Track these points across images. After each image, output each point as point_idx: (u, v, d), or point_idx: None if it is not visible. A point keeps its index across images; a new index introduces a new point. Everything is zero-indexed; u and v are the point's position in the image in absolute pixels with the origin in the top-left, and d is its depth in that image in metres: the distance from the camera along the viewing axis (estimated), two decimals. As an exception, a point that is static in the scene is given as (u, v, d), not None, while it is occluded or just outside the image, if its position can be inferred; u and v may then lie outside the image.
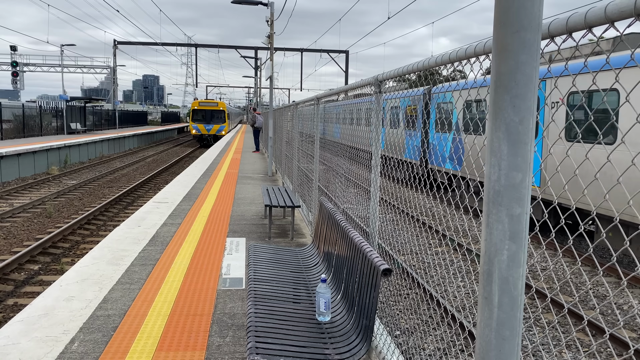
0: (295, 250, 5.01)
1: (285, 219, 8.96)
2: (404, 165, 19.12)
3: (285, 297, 3.67)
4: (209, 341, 4.03)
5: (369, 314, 2.75)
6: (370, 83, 3.66)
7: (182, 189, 11.79)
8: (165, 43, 41.28)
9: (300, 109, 9.90)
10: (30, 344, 3.88)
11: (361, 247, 3.10)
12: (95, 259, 6.04)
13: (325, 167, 7.69)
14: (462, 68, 2.41)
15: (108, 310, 4.56)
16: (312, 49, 41.20)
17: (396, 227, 11.73)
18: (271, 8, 15.65)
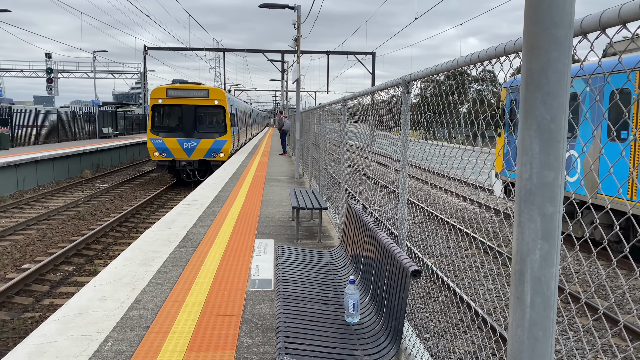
0: (323, 252, 5.02)
1: (313, 221, 8.98)
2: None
3: (313, 298, 3.68)
4: (239, 341, 4.07)
5: (398, 316, 2.74)
6: (397, 84, 3.65)
7: (211, 192, 11.94)
8: (194, 48, 41.75)
9: (327, 110, 9.92)
10: (66, 342, 3.99)
11: (390, 248, 3.09)
12: (128, 260, 6.17)
13: (352, 170, 7.69)
14: (491, 67, 2.38)
15: (140, 310, 4.65)
16: (338, 51, 41.19)
17: (424, 229, 11.63)
18: (298, 11, 15.73)
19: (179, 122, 19.97)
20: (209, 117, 20.45)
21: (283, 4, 15.49)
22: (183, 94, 19.62)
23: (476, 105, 27.54)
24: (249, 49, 42.18)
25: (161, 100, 19.57)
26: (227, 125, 20.03)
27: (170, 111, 20.03)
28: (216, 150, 19.82)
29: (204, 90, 19.91)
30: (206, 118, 20.35)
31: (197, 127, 19.86)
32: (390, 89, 4.24)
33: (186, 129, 19.79)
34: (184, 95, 19.67)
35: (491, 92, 44.25)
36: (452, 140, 11.91)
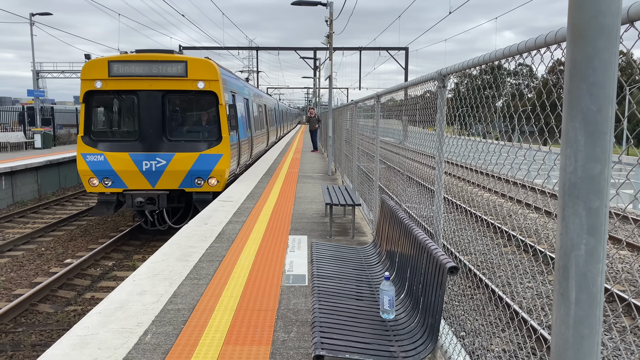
0: (357, 248, 5.01)
1: (346, 218, 8.98)
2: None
3: (348, 294, 3.68)
4: (274, 336, 4.11)
5: (435, 313, 2.71)
6: (433, 78, 3.61)
7: (245, 188, 12.07)
8: (227, 47, 42.17)
9: (360, 107, 9.88)
10: (108, 334, 4.11)
11: (426, 244, 3.06)
12: (165, 256, 6.30)
13: (386, 166, 7.64)
14: (531, 61, 2.32)
15: (178, 305, 4.75)
16: (370, 47, 40.97)
17: (460, 226, 11.47)
18: (330, 8, 15.71)
19: (134, 122, 11.36)
20: (190, 112, 11.71)
21: (315, 0, 15.49)
22: (140, 70, 11.03)
23: (516, 99, 26.77)
24: (282, 47, 42.36)
25: (100, 84, 10.99)
26: (222, 126, 11.42)
27: (118, 103, 11.43)
28: (202, 173, 11.20)
29: (177, 63, 11.04)
30: (184, 115, 11.61)
31: (166, 132, 11.27)
32: (425, 83, 4.20)
33: (147, 136, 11.16)
34: (141, 74, 11.03)
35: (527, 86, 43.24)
36: (488, 135, 11.57)
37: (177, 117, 11.56)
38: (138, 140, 11.26)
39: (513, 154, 13.64)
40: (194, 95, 11.37)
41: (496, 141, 4.17)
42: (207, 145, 11.35)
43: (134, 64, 11.12)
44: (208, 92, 11.32)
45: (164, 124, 11.27)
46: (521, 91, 38.30)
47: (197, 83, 11.08)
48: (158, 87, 11.18)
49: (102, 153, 11.16)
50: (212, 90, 11.24)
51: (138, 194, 11.02)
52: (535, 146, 2.65)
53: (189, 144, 11.28)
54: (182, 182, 11.27)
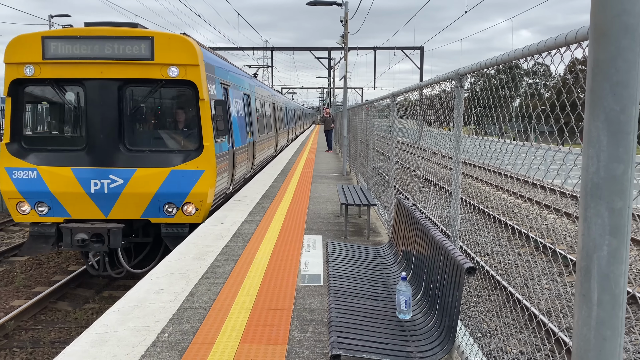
0: (372, 248, 5.01)
1: (361, 218, 8.97)
2: None
3: (364, 294, 3.68)
4: (290, 335, 4.13)
5: (452, 313, 2.71)
6: (450, 77, 3.59)
7: (260, 188, 12.13)
8: (242, 47, 42.33)
9: (375, 107, 9.87)
10: (126, 332, 4.16)
11: (443, 245, 3.05)
12: (182, 255, 6.36)
13: (400, 166, 7.62)
14: (551, 60, 2.30)
15: (195, 303, 4.79)
16: (385, 46, 40.84)
17: (476, 227, 11.39)
18: (345, 8, 15.71)
19: (79, 125, 8.36)
20: (158, 111, 8.67)
21: (330, 0, 15.50)
22: (87, 51, 7.99)
23: (534, 98, 26.38)
24: (296, 47, 42.44)
25: (32, 70, 8.02)
26: (203, 130, 8.26)
27: (57, 97, 8.31)
28: (175, 197, 8.16)
29: (140, 40, 8.06)
30: (150, 114, 8.61)
31: (125, 139, 8.22)
32: (441, 83, 4.18)
33: (97, 144, 8.10)
34: (89, 56, 7.98)
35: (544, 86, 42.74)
36: (505, 135, 11.46)
37: (141, 117, 8.30)
38: (85, 151, 7.93)
39: (531, 154, 13.48)
40: (164, 86, 8.09)
41: (513, 141, 4.14)
42: (182, 158, 8.01)
43: (80, 41, 7.78)
44: (184, 83, 8.00)
45: (121, 128, 7.90)
46: (539, 91, 37.82)
47: (168, 69, 7.79)
48: (113, 75, 7.88)
49: (35, 168, 7.86)
50: (190, 80, 7.94)
51: (79, 229, 7.60)
52: (555, 146, 2.63)
53: (157, 156, 7.97)
54: (146, 209, 7.92)
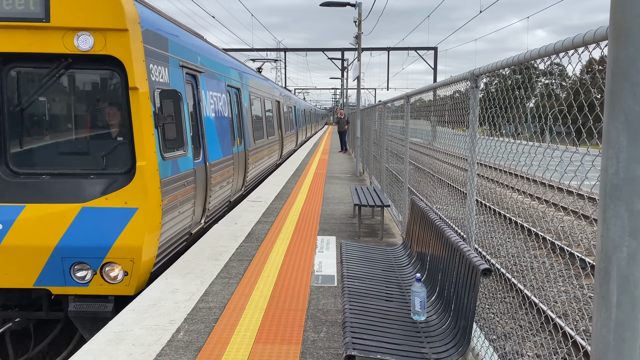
0: (387, 249, 5.00)
1: (374, 219, 8.95)
2: None
3: (378, 295, 3.68)
4: (304, 336, 4.14)
5: (467, 315, 2.69)
6: (465, 78, 3.58)
7: (274, 189, 12.16)
8: (256, 49, 42.46)
9: (388, 107, 9.85)
10: (142, 331, 4.20)
11: (458, 246, 3.04)
12: (196, 255, 6.40)
13: (414, 167, 7.59)
14: (569, 61, 2.28)
15: (209, 303, 4.82)
16: (399, 47, 40.73)
17: (490, 228, 11.31)
18: (359, 9, 15.70)
19: None
20: (58, 107, 5.46)
21: (344, 1, 15.51)
22: None
23: (552, 98, 26.01)
24: (309, 48, 42.49)
25: None
26: (135, 140, 5.18)
27: None
28: (87, 254, 5.04)
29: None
30: (48, 112, 5.40)
31: (4, 154, 5.22)
32: (455, 84, 4.16)
33: None
34: None
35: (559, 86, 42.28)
36: (520, 136, 11.37)
37: (32, 120, 5.37)
38: None
39: (548, 155, 13.35)
40: (71, 66, 5.17)
41: (527, 142, 4.11)
42: (100, 188, 5.15)
43: None
44: (103, 60, 5.12)
45: (1, 134, 5.18)
46: (555, 91, 37.47)
47: (75, 37, 4.98)
48: None
49: None
50: (113, 56, 5.06)
51: None
52: (572, 147, 2.61)
53: (59, 185, 5.12)
54: (42, 272, 5.08)
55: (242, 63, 13.09)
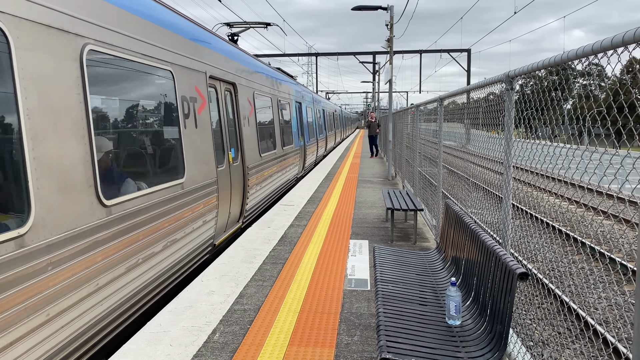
0: (420, 254, 4.97)
1: (407, 223, 8.90)
2: None
3: (412, 299, 3.66)
4: (338, 339, 4.15)
5: (504, 320, 2.66)
6: (500, 80, 3.54)
7: (306, 193, 12.22)
8: (287, 54, 42.79)
9: (421, 111, 9.78)
10: (179, 332, 4.29)
11: (494, 250, 3.00)
12: (231, 257, 6.50)
13: (447, 171, 7.52)
14: (607, 61, 2.24)
15: (244, 305, 4.89)
16: (431, 49, 40.37)
17: (526, 233, 11.09)
18: (391, 12, 15.66)
19: None
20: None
21: (376, 5, 15.50)
22: None
23: (590, 100, 25.23)
24: (341, 52, 42.55)
25: None
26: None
27: None
28: None
29: None
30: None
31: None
32: (490, 86, 4.12)
33: None
34: None
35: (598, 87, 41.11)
36: (556, 138, 11.13)
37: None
38: None
39: (586, 158, 13.03)
40: None
41: (565, 144, 4.02)
42: None
43: None
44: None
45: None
46: (593, 92, 36.42)
47: None
48: None
49: None
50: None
51: None
52: (612, 149, 2.55)
53: None
54: None
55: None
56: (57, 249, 3.40)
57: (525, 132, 4.05)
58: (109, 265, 4.12)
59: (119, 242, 4.25)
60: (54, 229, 3.37)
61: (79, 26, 3.86)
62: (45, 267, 3.28)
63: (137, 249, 4.58)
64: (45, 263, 3.27)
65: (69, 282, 3.53)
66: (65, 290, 3.50)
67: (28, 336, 3.14)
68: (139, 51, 4.82)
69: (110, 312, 4.18)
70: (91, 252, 3.84)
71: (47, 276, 3.30)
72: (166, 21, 5.69)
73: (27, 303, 3.13)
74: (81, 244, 3.70)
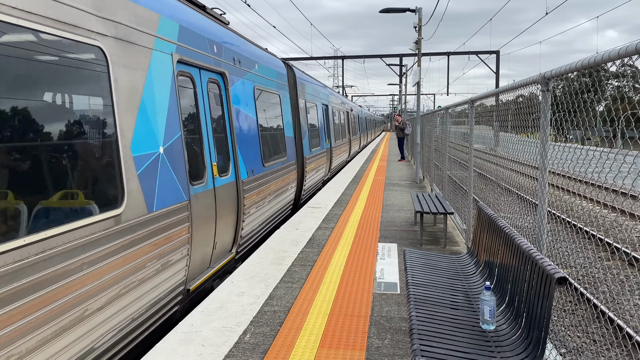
0: (452, 257, 4.92)
1: (436, 226, 8.82)
2: None
3: (444, 303, 3.63)
4: (368, 342, 4.13)
5: (541, 325, 2.61)
6: (536, 81, 3.48)
7: (333, 195, 12.22)
8: (314, 57, 42.92)
9: (450, 113, 9.69)
10: (210, 332, 4.34)
11: (530, 254, 2.95)
12: (260, 259, 6.54)
13: (477, 174, 7.42)
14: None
15: (274, 307, 4.91)
16: (459, 51, 39.94)
17: (557, 237, 10.86)
18: (419, 14, 15.57)
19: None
20: None
21: (404, 7, 15.43)
22: None
23: (624, 101, 24.77)
24: (367, 55, 42.45)
25: None
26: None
27: None
28: None
29: None
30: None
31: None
32: (523, 88, 4.05)
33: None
34: None
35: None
36: (588, 141, 10.93)
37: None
38: None
39: (619, 160, 12.69)
40: None
41: (598, 146, 3.93)
42: None
43: None
44: None
45: None
46: (627, 94, 35.52)
47: None
48: None
49: None
50: None
51: None
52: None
53: None
54: None
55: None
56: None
57: (556, 134, 3.97)
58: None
59: None
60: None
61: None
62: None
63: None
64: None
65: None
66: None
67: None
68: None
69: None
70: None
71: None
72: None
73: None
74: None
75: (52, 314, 3.14)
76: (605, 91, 42.57)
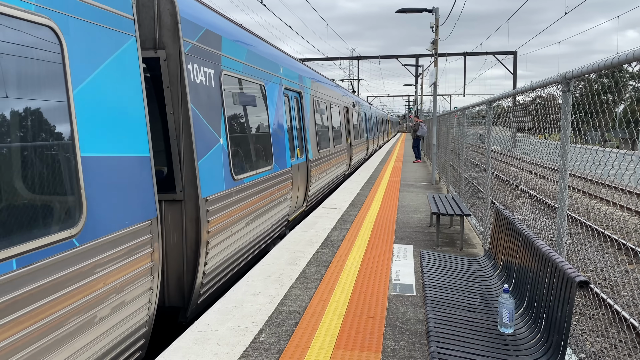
0: (469, 260, 4.87)
1: (453, 228, 8.75)
2: None
3: (461, 306, 3.59)
4: (384, 344, 4.11)
5: (561, 330, 2.57)
6: (556, 81, 3.43)
7: (348, 196, 12.20)
8: (330, 58, 42.92)
9: (467, 114, 9.61)
10: (226, 332, 4.35)
11: (550, 257, 2.91)
12: (275, 259, 6.55)
13: (494, 176, 7.34)
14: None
15: (289, 307, 4.91)
16: (476, 52, 39.63)
17: (575, 241, 10.71)
18: (436, 14, 15.48)
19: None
20: None
21: (421, 7, 15.35)
22: None
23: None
24: (383, 55, 42.33)
25: None
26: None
27: None
28: None
29: None
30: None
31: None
32: (541, 88, 4.00)
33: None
34: None
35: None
36: (608, 143, 10.71)
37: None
38: None
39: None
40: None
41: (617, 148, 3.86)
42: None
43: None
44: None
45: None
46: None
47: None
48: None
49: None
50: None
51: None
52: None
53: None
54: None
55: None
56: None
57: (575, 135, 3.91)
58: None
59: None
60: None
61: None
62: None
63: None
64: None
65: None
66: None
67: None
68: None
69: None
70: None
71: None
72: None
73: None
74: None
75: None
76: (625, 92, 41.90)
